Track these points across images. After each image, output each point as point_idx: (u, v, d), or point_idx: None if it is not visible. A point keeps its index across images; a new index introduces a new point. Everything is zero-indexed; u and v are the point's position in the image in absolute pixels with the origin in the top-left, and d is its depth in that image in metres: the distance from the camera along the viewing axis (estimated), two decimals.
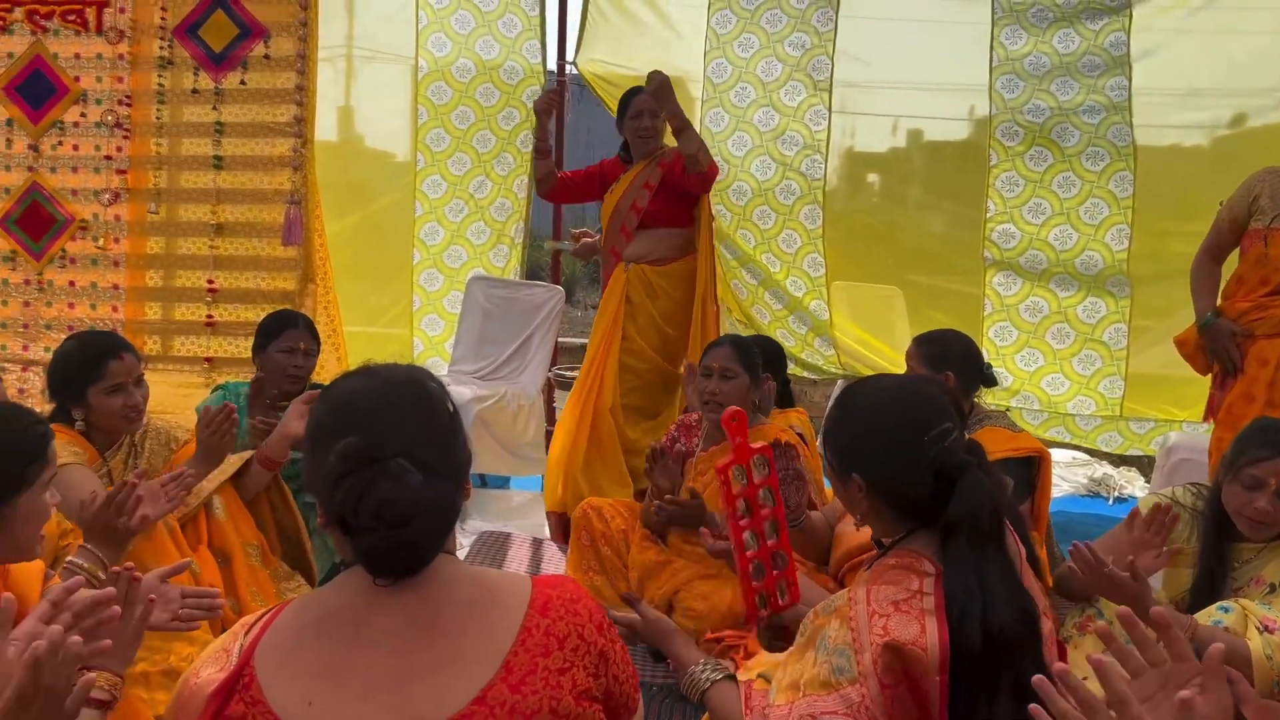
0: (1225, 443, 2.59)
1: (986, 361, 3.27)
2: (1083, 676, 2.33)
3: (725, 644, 2.79)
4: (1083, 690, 1.16)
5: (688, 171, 4.10)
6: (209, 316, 4.33)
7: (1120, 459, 5.45)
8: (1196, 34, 4.54)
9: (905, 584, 1.60)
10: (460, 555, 2.94)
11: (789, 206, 4.93)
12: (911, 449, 1.67)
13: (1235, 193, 3.42)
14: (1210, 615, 2.18)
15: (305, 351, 3.41)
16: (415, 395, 1.32)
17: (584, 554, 3.42)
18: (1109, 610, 2.41)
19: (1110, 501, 5.26)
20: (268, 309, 3.77)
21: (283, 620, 1.28)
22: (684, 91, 4.95)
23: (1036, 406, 4.80)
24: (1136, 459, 5.46)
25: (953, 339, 3.21)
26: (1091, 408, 4.76)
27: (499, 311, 5.03)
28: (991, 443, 2.24)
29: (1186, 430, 4.51)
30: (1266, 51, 4.49)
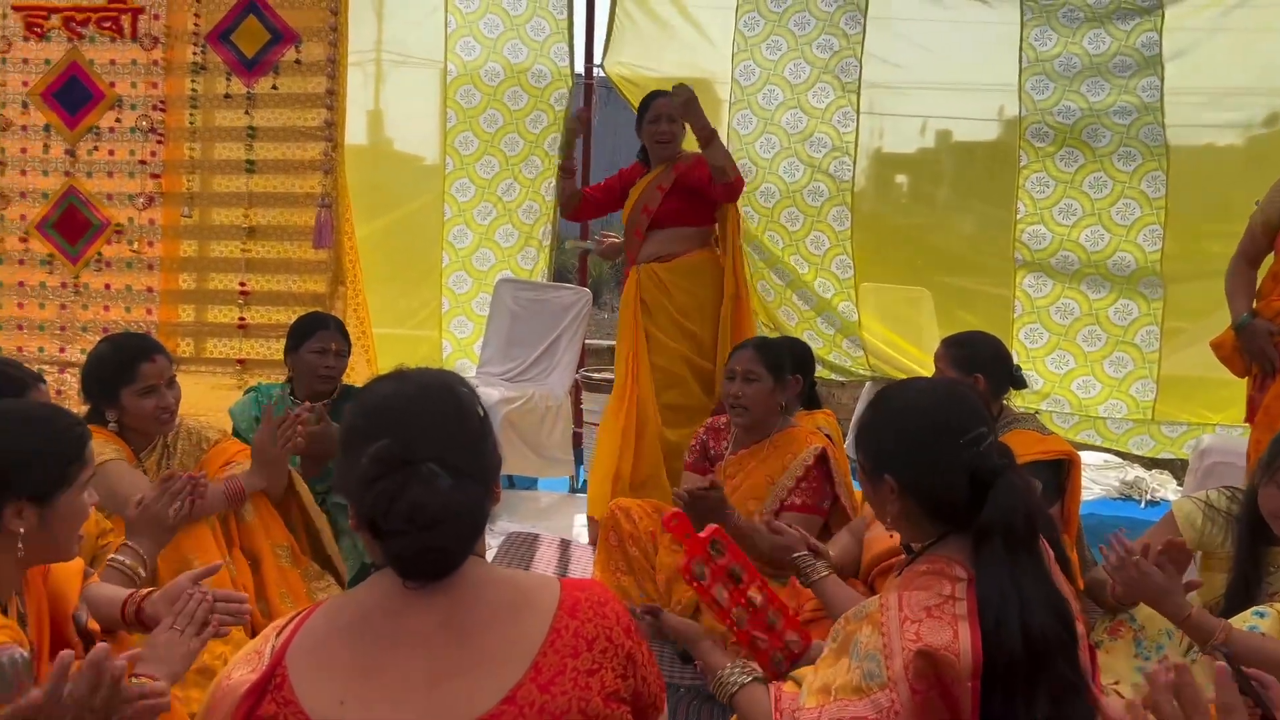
0: (1263, 445, 2.56)
1: (1016, 364, 3.24)
2: (1113, 681, 2.33)
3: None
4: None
5: (714, 182, 4.06)
6: (241, 319, 4.38)
7: (1152, 462, 5.40)
8: (1230, 33, 4.49)
9: (937, 589, 1.60)
10: (488, 556, 2.96)
11: (817, 208, 4.91)
12: (947, 452, 1.66)
13: (1267, 194, 3.37)
14: (1245, 620, 2.16)
15: (337, 353, 3.45)
16: (447, 400, 1.33)
17: (612, 554, 3.43)
18: (1140, 615, 2.39)
19: (1143, 505, 5.20)
20: (299, 311, 3.81)
21: (314, 622, 1.29)
22: (711, 94, 4.96)
23: (1067, 409, 4.76)
24: (1168, 462, 5.41)
25: (982, 341, 3.19)
26: (1123, 411, 4.71)
27: (527, 314, 5.05)
28: (1021, 446, 2.23)
29: (1220, 433, 4.46)
30: None
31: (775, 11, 4.84)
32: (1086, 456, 3.99)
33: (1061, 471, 2.97)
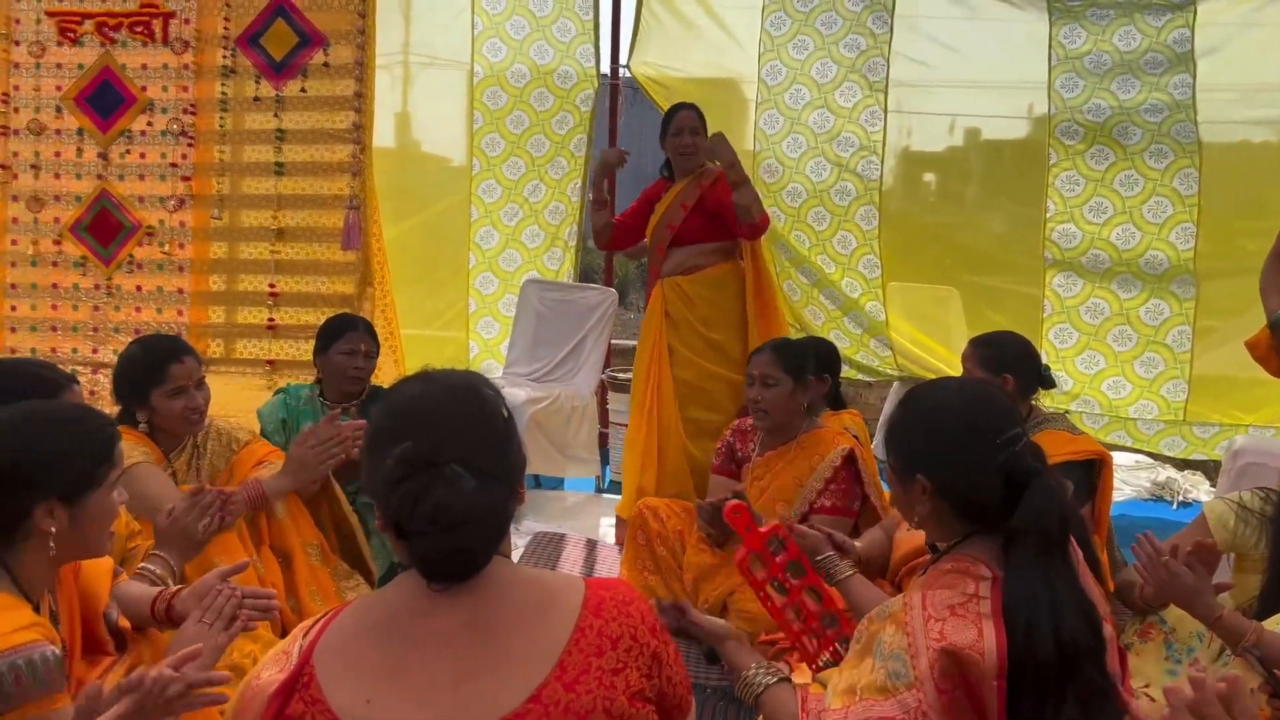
0: None
1: (1045, 363, 3.22)
2: (1143, 684, 2.30)
3: (779, 647, 2.78)
4: None
5: (739, 220, 3.96)
6: (270, 320, 4.42)
7: (1184, 463, 5.33)
8: (1264, 28, 4.44)
9: (961, 588, 1.59)
10: (514, 556, 2.96)
11: (844, 208, 4.89)
12: (984, 453, 1.66)
13: None
14: (1277, 622, 2.13)
15: (365, 354, 3.47)
16: (471, 401, 1.33)
17: (639, 553, 3.43)
18: (1171, 617, 2.37)
19: (1175, 506, 5.14)
20: (328, 312, 3.83)
21: (341, 621, 1.30)
22: (738, 94, 4.95)
23: (1097, 410, 4.72)
24: (1201, 463, 5.34)
25: (1010, 341, 3.16)
26: (1154, 412, 4.66)
27: (553, 314, 5.06)
28: (1051, 446, 2.21)
29: (1253, 434, 4.40)
30: None
31: (802, 11, 4.82)
32: (1117, 457, 3.95)
33: (1092, 471, 2.95)
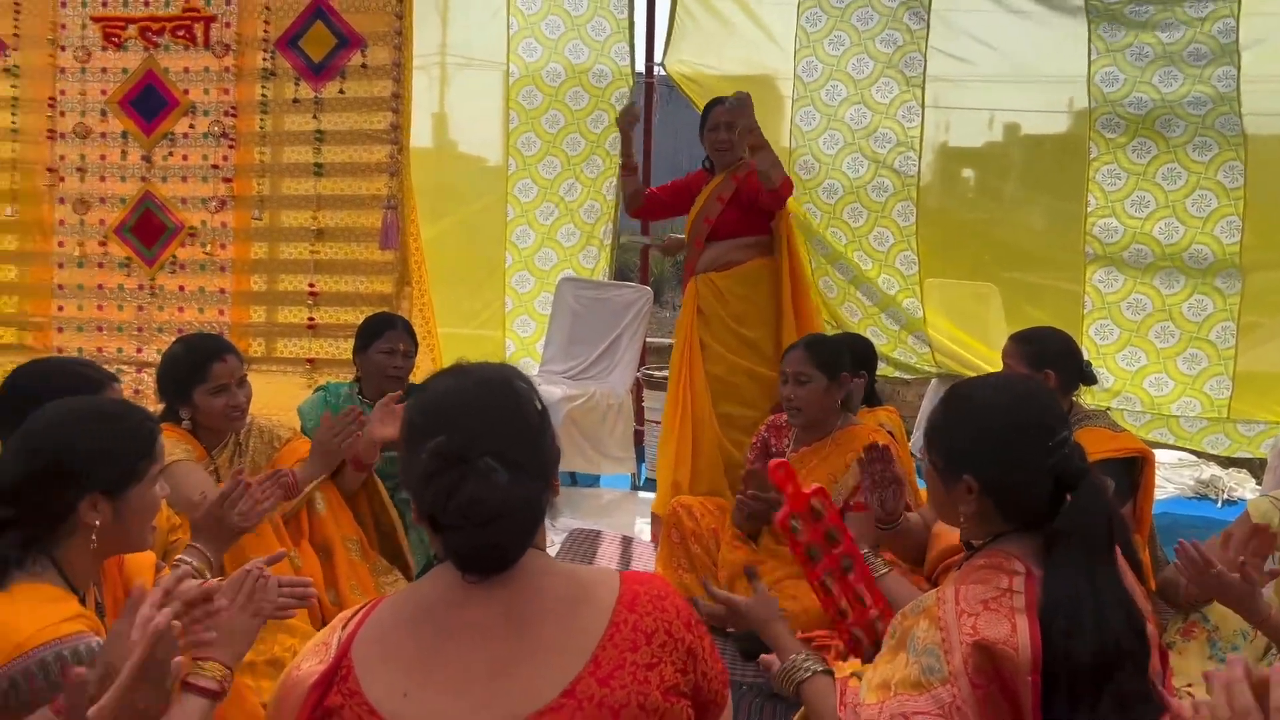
0: None
1: (1086, 360, 3.18)
2: (1187, 684, 2.27)
3: (816, 644, 2.78)
4: None
5: (763, 189, 3.98)
6: (310, 319, 4.47)
7: (1229, 460, 5.25)
8: None
9: (994, 582, 1.58)
10: (551, 552, 2.98)
11: (881, 204, 4.86)
12: (1034, 454, 1.64)
13: None
14: None
15: (404, 353, 3.49)
16: (504, 394, 1.34)
17: (674, 551, 3.43)
18: (1214, 615, 2.33)
19: (1219, 504, 5.07)
20: (366, 311, 3.87)
21: (379, 614, 1.32)
22: (774, 90, 4.93)
23: (1139, 408, 4.65)
24: (1246, 460, 5.25)
25: (1052, 337, 3.14)
26: (1197, 409, 4.59)
27: (588, 312, 5.08)
28: (1092, 443, 2.19)
29: None
30: None
31: (837, 7, 4.79)
32: (1160, 454, 3.89)
33: (1134, 469, 2.91)
